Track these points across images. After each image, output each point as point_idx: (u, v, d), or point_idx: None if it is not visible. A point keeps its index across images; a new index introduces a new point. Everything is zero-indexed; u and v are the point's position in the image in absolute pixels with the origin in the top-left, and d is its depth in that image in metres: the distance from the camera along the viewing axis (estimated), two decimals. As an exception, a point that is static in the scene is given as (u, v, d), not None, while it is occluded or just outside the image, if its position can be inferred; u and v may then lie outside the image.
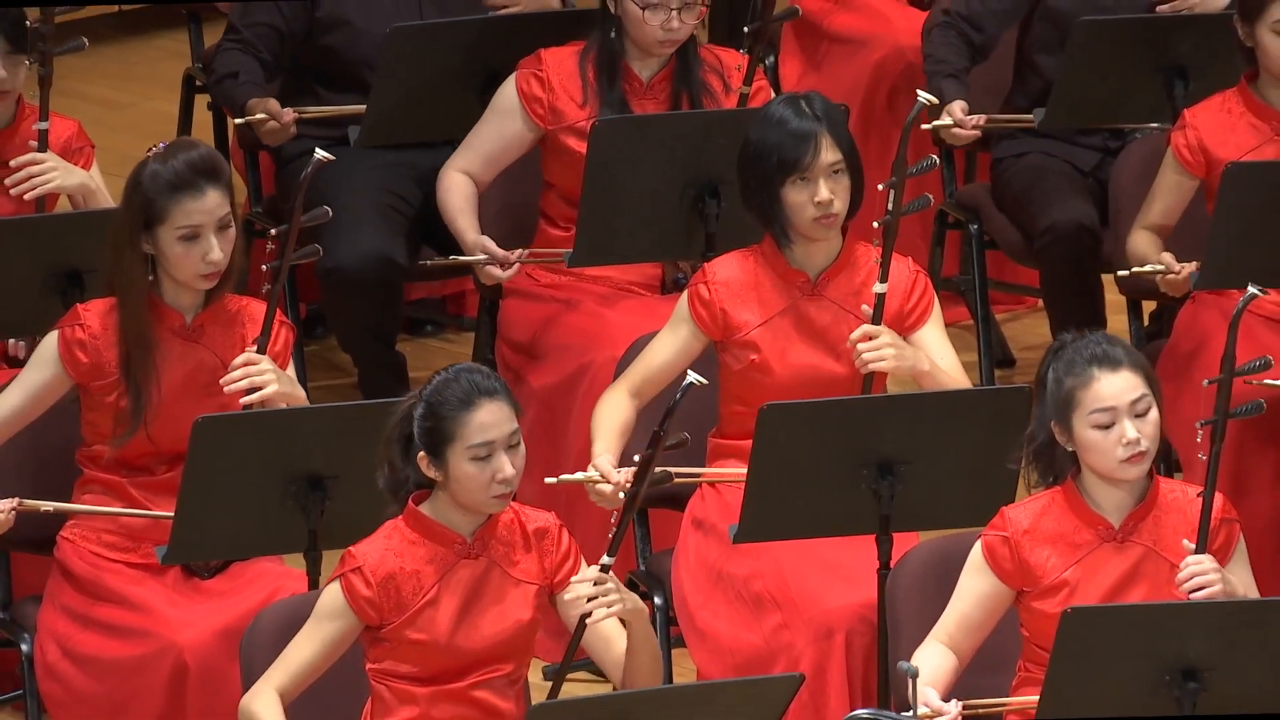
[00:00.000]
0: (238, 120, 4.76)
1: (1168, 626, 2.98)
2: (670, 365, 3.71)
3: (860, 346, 3.64)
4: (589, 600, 3.06)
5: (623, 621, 3.10)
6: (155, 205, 3.53)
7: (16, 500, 3.58)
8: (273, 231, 3.73)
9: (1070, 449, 3.15)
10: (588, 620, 3.08)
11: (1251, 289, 3.35)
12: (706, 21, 5.19)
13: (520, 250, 4.41)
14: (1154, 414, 3.13)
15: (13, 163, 4.12)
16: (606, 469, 3.62)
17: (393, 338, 4.92)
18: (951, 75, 4.76)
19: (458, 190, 4.46)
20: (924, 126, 4.55)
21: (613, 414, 3.75)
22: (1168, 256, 4.27)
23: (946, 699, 3.10)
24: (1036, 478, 3.24)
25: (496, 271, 4.39)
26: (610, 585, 3.07)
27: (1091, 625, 2.98)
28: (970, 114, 4.66)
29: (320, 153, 3.68)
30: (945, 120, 4.62)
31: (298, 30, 4.84)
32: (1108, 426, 3.08)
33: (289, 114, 4.69)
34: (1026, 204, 4.84)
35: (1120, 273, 4.38)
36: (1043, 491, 3.23)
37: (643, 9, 4.29)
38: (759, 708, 3.00)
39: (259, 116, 4.68)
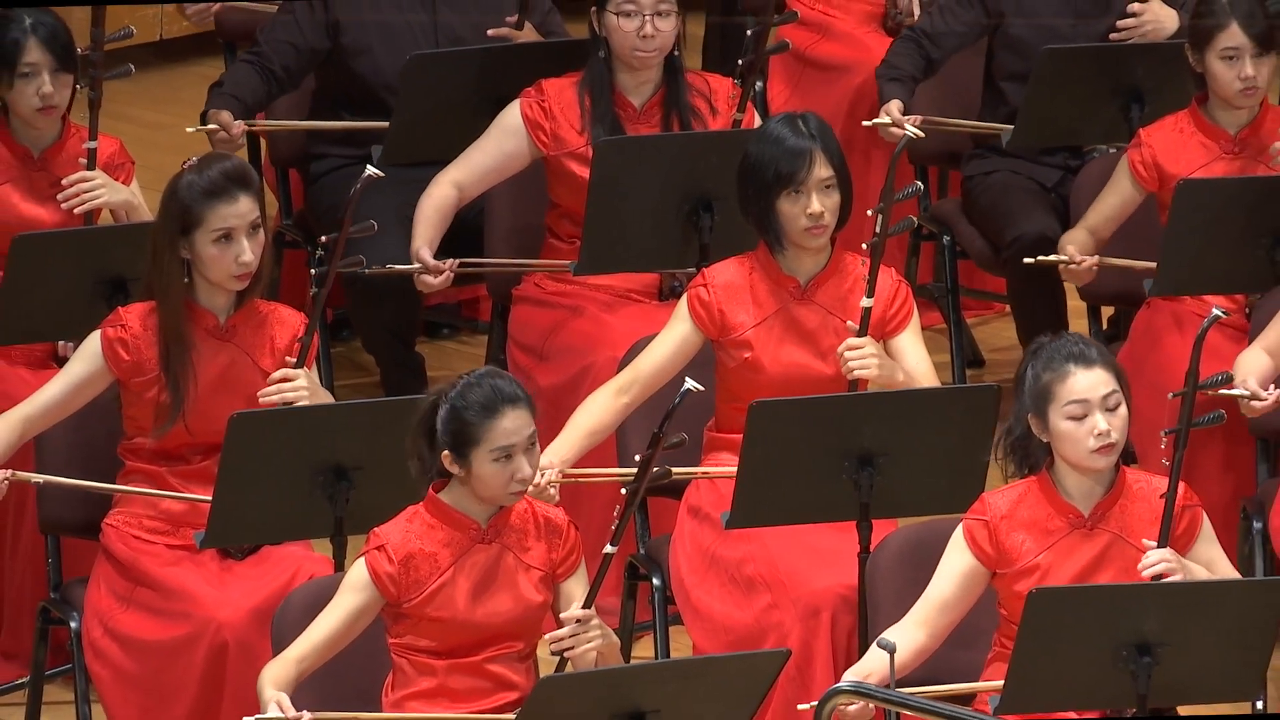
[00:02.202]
0: (189, 129, 4.77)
1: (1124, 606, 2.97)
2: (668, 362, 3.70)
3: (848, 355, 3.65)
4: (571, 637, 3.09)
5: None
6: (191, 211, 3.53)
7: (10, 471, 3.58)
8: (322, 239, 3.73)
9: (1045, 440, 3.15)
10: (566, 655, 3.10)
11: (1215, 311, 3.38)
12: (700, 51, 5.21)
13: (451, 260, 4.41)
14: (1123, 409, 3.13)
15: (65, 180, 4.12)
16: None
17: (412, 339, 4.93)
18: (896, 79, 4.76)
19: (433, 201, 4.45)
20: (864, 124, 4.57)
21: (587, 416, 3.75)
22: (1072, 249, 4.30)
23: (909, 676, 3.10)
24: (1013, 468, 3.24)
25: (429, 279, 4.40)
26: (591, 626, 3.10)
27: (1055, 604, 2.97)
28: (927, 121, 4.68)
29: (371, 169, 3.70)
30: (883, 119, 4.62)
31: (316, 46, 4.83)
32: (1081, 418, 3.09)
33: (238, 126, 4.69)
34: (994, 218, 4.84)
35: (1025, 260, 4.41)
36: (1019, 481, 3.23)
37: (618, 16, 4.29)
38: (750, 680, 3.00)
39: (210, 126, 4.68)
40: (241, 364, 3.66)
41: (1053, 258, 4.33)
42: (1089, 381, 3.10)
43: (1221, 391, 3.71)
